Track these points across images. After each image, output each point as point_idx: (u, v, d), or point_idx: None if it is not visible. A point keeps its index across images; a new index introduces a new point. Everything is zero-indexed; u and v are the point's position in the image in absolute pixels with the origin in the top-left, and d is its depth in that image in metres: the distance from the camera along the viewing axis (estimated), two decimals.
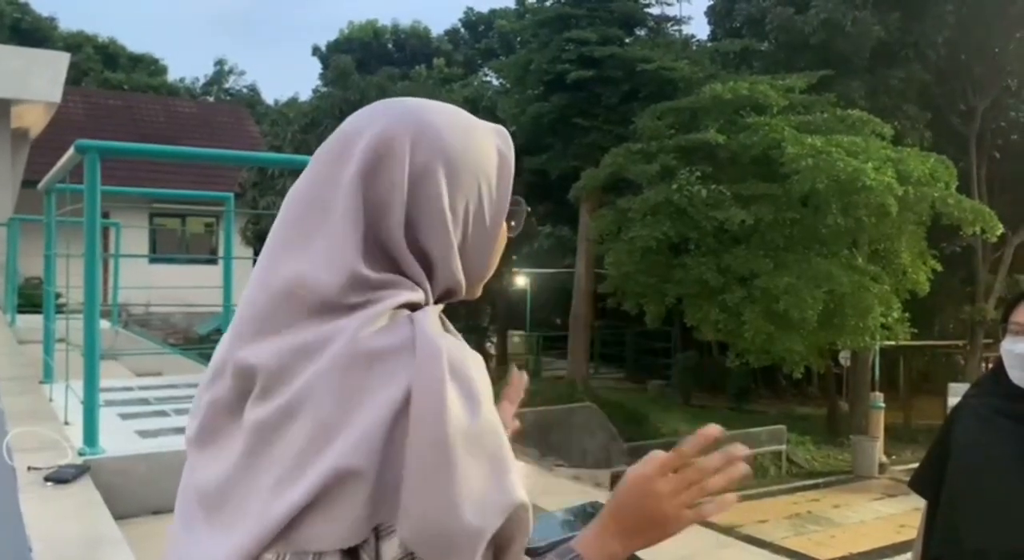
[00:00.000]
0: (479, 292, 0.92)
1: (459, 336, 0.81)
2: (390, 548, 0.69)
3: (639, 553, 0.95)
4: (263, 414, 0.73)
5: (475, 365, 0.76)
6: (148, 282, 14.94)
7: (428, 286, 0.81)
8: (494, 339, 24.79)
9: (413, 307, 0.78)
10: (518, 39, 25.16)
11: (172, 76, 38.76)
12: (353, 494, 0.68)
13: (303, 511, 0.68)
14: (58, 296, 5.98)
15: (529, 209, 0.98)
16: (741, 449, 0.89)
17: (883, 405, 16.47)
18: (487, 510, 0.71)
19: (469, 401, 0.72)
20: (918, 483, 2.24)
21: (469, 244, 0.84)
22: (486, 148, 0.86)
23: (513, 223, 0.94)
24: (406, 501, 0.69)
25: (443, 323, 0.82)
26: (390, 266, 0.79)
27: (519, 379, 1.17)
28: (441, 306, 0.84)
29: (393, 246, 0.79)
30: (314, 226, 0.78)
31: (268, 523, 0.69)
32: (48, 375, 5.10)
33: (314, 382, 0.72)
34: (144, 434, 3.93)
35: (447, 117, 0.85)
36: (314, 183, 0.81)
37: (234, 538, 0.71)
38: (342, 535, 0.68)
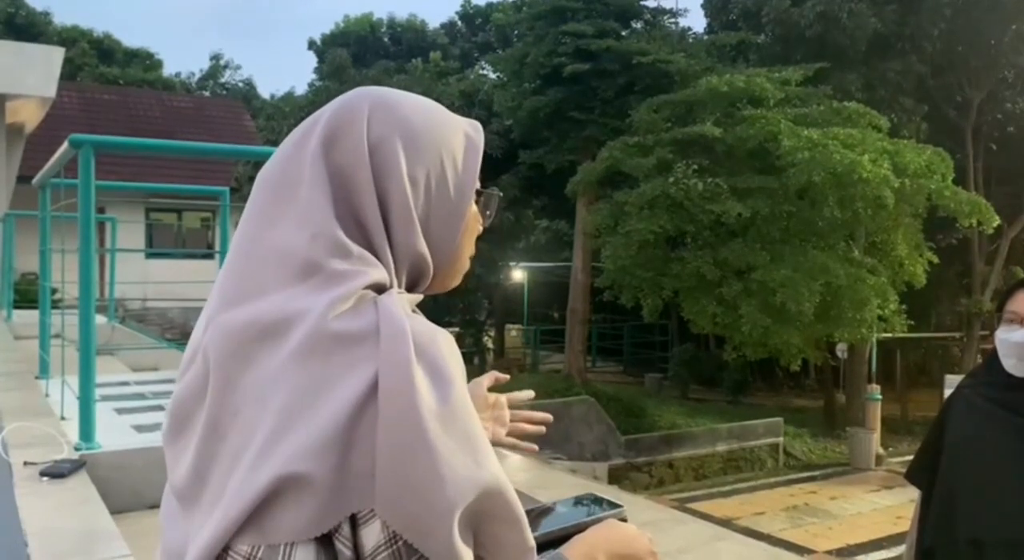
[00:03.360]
0: (454, 282, 0.92)
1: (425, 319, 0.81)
2: (372, 533, 0.69)
3: None
4: (225, 400, 0.73)
5: (444, 344, 0.75)
6: (144, 277, 14.94)
7: (392, 263, 0.81)
8: (491, 333, 24.82)
9: (380, 289, 0.78)
10: (515, 32, 25.10)
11: (168, 71, 38.50)
12: (320, 482, 0.68)
13: (272, 502, 0.68)
14: (54, 291, 5.97)
15: (501, 194, 0.98)
16: None
17: (880, 397, 16.51)
18: (460, 485, 0.71)
19: (438, 381, 0.72)
20: (914, 474, 2.24)
21: (433, 220, 0.84)
22: (450, 128, 0.87)
23: (488, 212, 0.95)
24: (382, 485, 0.68)
25: (413, 309, 0.82)
26: (363, 240, 0.79)
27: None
28: (414, 297, 0.84)
29: (366, 216, 0.80)
30: (286, 199, 0.80)
31: (232, 516, 0.68)
32: (44, 370, 5.09)
33: (277, 368, 0.71)
34: (140, 429, 3.93)
35: (410, 98, 0.87)
36: (282, 161, 0.83)
37: (203, 532, 0.70)
38: (311, 525, 0.68)
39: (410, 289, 0.85)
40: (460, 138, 0.87)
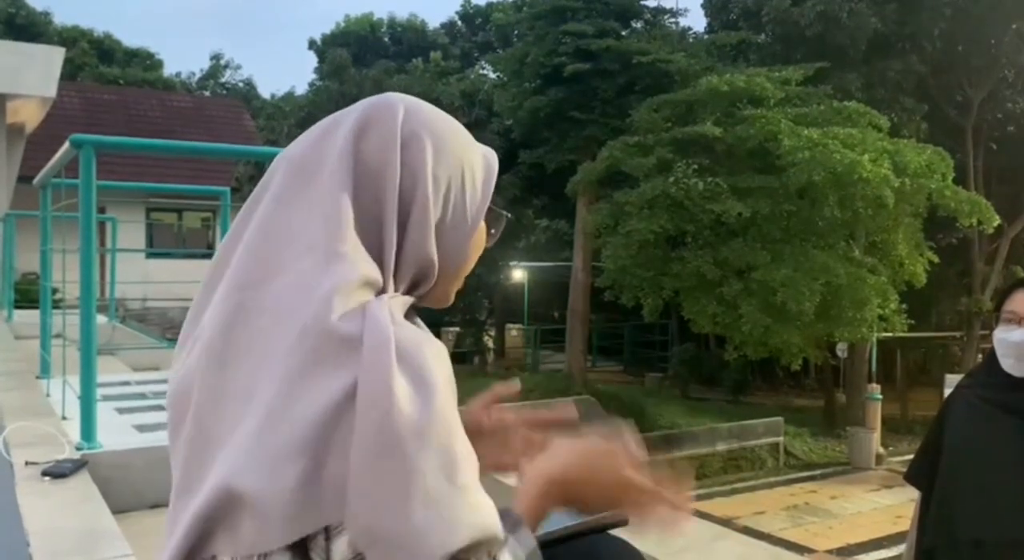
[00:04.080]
0: (448, 299, 0.91)
1: (424, 327, 0.80)
2: (340, 547, 0.67)
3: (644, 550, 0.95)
4: (209, 395, 0.73)
5: (431, 353, 0.72)
6: (145, 277, 14.93)
7: (392, 263, 0.80)
8: (492, 333, 24.83)
9: (371, 286, 0.76)
10: (515, 32, 25.10)
11: (168, 71, 38.42)
12: (287, 493, 0.66)
13: (238, 511, 0.67)
14: (54, 291, 5.97)
15: (509, 215, 0.99)
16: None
17: (880, 397, 16.50)
18: (445, 520, 0.67)
19: (420, 391, 0.69)
20: (913, 475, 2.24)
21: (447, 228, 0.84)
22: (472, 145, 0.89)
23: (493, 231, 0.95)
24: (352, 499, 0.66)
25: (410, 317, 0.81)
26: (373, 234, 0.79)
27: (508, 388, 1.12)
28: (409, 300, 0.82)
29: (384, 208, 0.79)
30: (305, 183, 0.79)
31: (195, 519, 0.69)
32: (45, 370, 5.08)
33: (262, 367, 0.71)
34: (142, 428, 3.92)
35: (436, 110, 0.88)
36: (307, 146, 0.83)
37: (173, 536, 0.71)
38: (280, 534, 0.67)
39: (408, 293, 0.83)
40: (479, 157, 0.89)
